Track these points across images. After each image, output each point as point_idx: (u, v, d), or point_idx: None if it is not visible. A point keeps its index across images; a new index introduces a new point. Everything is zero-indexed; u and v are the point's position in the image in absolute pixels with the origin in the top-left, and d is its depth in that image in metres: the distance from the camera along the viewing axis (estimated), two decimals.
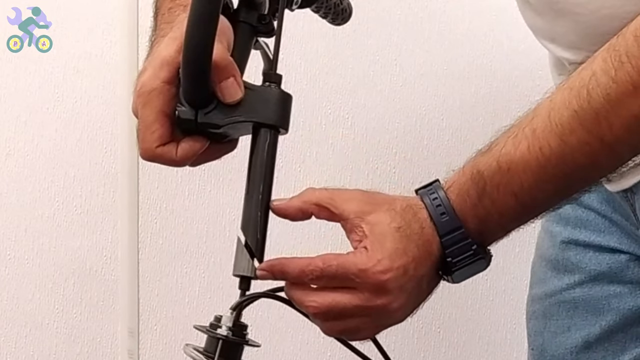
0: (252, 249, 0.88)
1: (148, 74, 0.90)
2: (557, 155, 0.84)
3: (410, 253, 0.87)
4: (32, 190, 1.68)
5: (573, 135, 0.84)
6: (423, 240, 0.88)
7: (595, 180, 0.91)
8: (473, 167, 0.89)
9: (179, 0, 0.97)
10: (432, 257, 0.88)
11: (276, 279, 0.89)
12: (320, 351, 1.73)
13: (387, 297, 0.86)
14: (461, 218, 0.87)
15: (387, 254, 0.86)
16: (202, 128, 0.89)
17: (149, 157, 0.90)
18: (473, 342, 1.74)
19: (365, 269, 0.86)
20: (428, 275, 0.88)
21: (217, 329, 0.88)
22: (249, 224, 0.89)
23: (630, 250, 1.19)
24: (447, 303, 1.72)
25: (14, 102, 1.66)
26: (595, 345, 1.24)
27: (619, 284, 1.21)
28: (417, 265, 0.87)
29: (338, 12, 1.11)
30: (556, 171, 0.85)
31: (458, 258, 0.88)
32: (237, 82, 0.88)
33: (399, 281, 0.86)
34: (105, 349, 1.71)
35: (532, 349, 1.31)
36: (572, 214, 1.24)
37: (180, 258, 1.71)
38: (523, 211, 0.88)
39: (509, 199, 0.86)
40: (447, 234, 0.87)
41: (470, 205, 0.87)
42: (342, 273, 0.86)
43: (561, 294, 1.25)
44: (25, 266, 1.69)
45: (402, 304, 0.88)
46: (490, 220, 0.88)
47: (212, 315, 0.89)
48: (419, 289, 0.89)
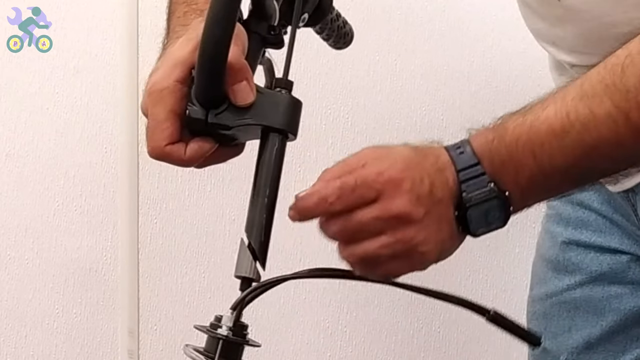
0: (255, 252, 0.88)
1: (160, 73, 0.90)
2: (582, 122, 0.84)
3: (425, 169, 0.86)
4: (32, 190, 1.68)
5: (601, 107, 0.84)
6: (440, 165, 0.87)
7: (613, 163, 0.89)
8: (498, 120, 0.89)
9: (195, 5, 0.98)
10: (447, 188, 0.86)
11: (304, 218, 0.87)
12: (320, 351, 1.73)
13: (404, 202, 0.84)
14: (479, 158, 0.87)
15: (400, 158, 0.86)
16: (212, 128, 0.89)
17: (157, 155, 0.91)
18: (473, 342, 1.74)
19: (381, 171, 0.85)
20: (445, 205, 0.87)
21: (217, 328, 0.88)
22: (254, 227, 0.89)
23: (631, 251, 1.20)
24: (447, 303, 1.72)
25: (14, 102, 1.66)
26: (596, 346, 1.24)
27: (620, 284, 1.21)
28: (432, 182, 0.86)
29: (340, 35, 1.13)
30: (578, 139, 0.85)
31: (474, 193, 0.86)
32: (249, 85, 0.89)
33: (415, 187, 0.85)
34: (105, 349, 1.71)
35: (533, 350, 1.31)
36: (573, 215, 1.24)
37: (180, 258, 1.71)
38: (540, 173, 0.87)
39: (527, 157, 0.86)
40: (464, 168, 0.87)
41: (486, 148, 0.87)
42: (361, 182, 0.85)
43: (562, 294, 1.25)
44: (25, 266, 1.69)
45: (422, 219, 0.85)
46: (506, 170, 0.87)
47: (212, 315, 0.89)
48: (438, 215, 0.86)
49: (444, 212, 0.87)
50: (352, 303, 1.72)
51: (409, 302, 1.72)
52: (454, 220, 0.88)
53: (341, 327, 1.73)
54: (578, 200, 1.24)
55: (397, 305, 1.73)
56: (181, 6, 0.99)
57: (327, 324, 1.73)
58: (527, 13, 1.11)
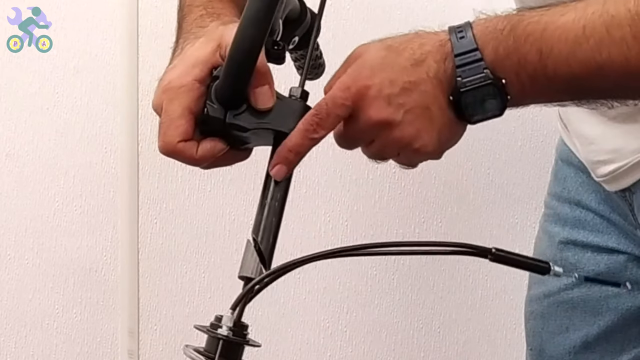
0: (262, 253, 0.89)
1: (178, 71, 0.91)
2: (597, 40, 0.84)
3: (397, 66, 0.86)
4: (32, 190, 1.68)
5: (619, 31, 0.83)
6: (420, 54, 0.87)
7: (615, 87, 0.88)
8: (514, 11, 0.88)
9: (212, 9, 0.99)
10: (432, 75, 0.86)
11: (292, 163, 0.89)
12: (320, 351, 1.73)
13: (377, 110, 0.86)
14: (479, 43, 0.86)
15: (368, 65, 0.87)
16: (229, 129, 0.90)
17: (168, 151, 0.91)
18: (473, 342, 1.74)
19: (348, 85, 0.87)
20: (432, 95, 0.87)
21: (217, 328, 0.88)
22: (262, 229, 0.89)
23: (629, 251, 1.20)
24: (447, 303, 1.72)
25: (14, 102, 1.66)
26: (594, 346, 1.24)
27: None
28: (409, 79, 0.86)
29: (316, 66, 1.14)
30: (588, 54, 0.84)
31: (468, 78, 0.86)
32: (271, 90, 0.90)
33: (384, 91, 0.86)
34: (105, 349, 1.71)
35: (531, 349, 1.31)
36: (570, 215, 1.24)
37: (180, 258, 1.71)
38: (543, 74, 0.86)
39: (534, 53, 0.85)
40: (462, 54, 0.86)
41: (492, 35, 0.86)
42: (331, 103, 0.87)
43: (559, 294, 1.25)
44: (25, 266, 1.69)
45: (402, 119, 0.87)
46: (508, 60, 0.86)
47: (212, 315, 0.89)
48: (426, 112, 0.87)
49: (430, 101, 0.87)
50: (352, 303, 1.72)
51: (409, 302, 1.72)
52: (449, 106, 0.87)
53: (341, 327, 1.73)
54: (575, 200, 1.24)
55: (397, 305, 1.73)
56: (197, 9, 1.00)
57: (327, 324, 1.73)
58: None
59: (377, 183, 1.70)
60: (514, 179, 1.70)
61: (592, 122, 1.14)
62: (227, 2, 1.00)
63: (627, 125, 1.10)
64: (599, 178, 1.16)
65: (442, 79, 0.87)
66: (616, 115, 1.10)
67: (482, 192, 1.70)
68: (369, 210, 1.70)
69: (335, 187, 1.69)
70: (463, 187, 1.70)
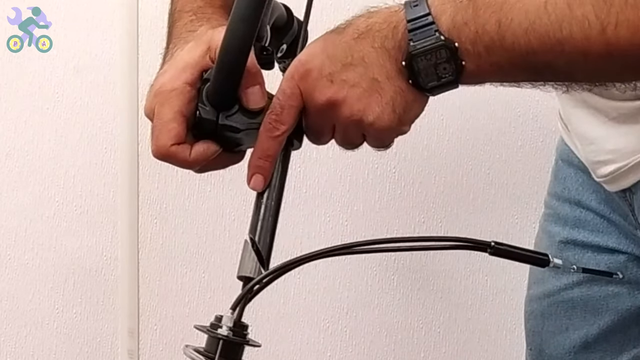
0: (260, 253, 0.89)
1: (169, 75, 0.91)
2: (557, 16, 0.83)
3: (338, 44, 0.86)
4: (32, 190, 1.68)
5: (580, 8, 0.82)
6: (364, 30, 0.86)
7: (571, 67, 0.86)
8: None
9: (201, 14, 0.99)
10: (378, 46, 0.86)
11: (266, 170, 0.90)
12: (320, 351, 1.73)
13: (321, 91, 0.86)
14: (434, 12, 0.85)
15: (308, 50, 0.87)
16: (221, 130, 0.90)
17: (161, 155, 0.91)
18: (473, 342, 1.74)
19: (291, 74, 0.87)
20: (378, 63, 0.86)
21: (217, 328, 0.88)
22: (259, 229, 0.90)
23: (629, 251, 1.20)
24: (447, 303, 1.72)
25: (14, 102, 1.66)
26: (594, 346, 1.24)
27: (617, 284, 1.21)
28: (351, 54, 0.85)
29: None
30: (548, 29, 0.83)
31: (419, 41, 0.84)
32: (262, 90, 0.90)
33: (324, 70, 0.86)
34: (105, 349, 1.71)
35: (531, 349, 1.31)
36: (570, 214, 1.24)
37: (180, 258, 1.71)
38: (499, 45, 0.84)
39: (492, 23, 0.84)
40: (414, 19, 0.85)
41: (451, 6, 0.85)
42: (282, 96, 0.88)
43: (559, 294, 1.25)
44: (25, 266, 1.69)
45: (347, 94, 0.86)
46: (466, 31, 0.85)
47: (212, 315, 0.89)
48: (373, 81, 0.86)
49: (377, 72, 0.86)
50: (352, 303, 1.72)
51: (409, 302, 1.72)
52: (400, 74, 0.86)
53: (341, 327, 1.73)
54: (576, 200, 1.24)
55: (397, 305, 1.73)
56: (187, 14, 1.00)
57: (327, 324, 1.73)
58: None
59: (377, 183, 1.70)
60: (514, 179, 1.70)
61: (593, 122, 1.13)
62: (217, 7, 1.01)
63: (627, 126, 1.10)
64: (599, 178, 1.16)
65: (390, 47, 0.86)
66: (617, 115, 1.10)
67: (482, 192, 1.70)
68: (369, 210, 1.70)
69: (335, 187, 1.69)
70: (463, 187, 1.70)
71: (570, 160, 1.25)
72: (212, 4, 1.01)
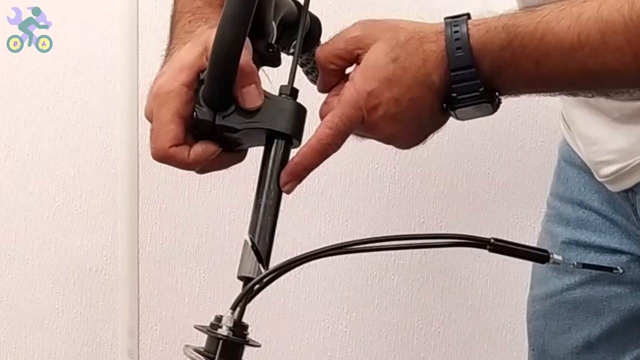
0: (259, 253, 0.89)
1: (166, 76, 0.91)
2: (592, 48, 0.85)
3: (403, 84, 0.89)
4: (32, 190, 1.68)
5: (613, 37, 0.84)
6: (423, 72, 0.89)
7: (615, 87, 0.92)
8: (511, 18, 0.89)
9: (200, 14, 0.99)
10: (433, 90, 0.90)
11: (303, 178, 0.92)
12: (320, 351, 1.73)
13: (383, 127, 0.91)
14: (476, 58, 0.88)
15: (376, 85, 0.90)
16: (219, 131, 0.90)
17: (160, 156, 0.91)
18: (473, 342, 1.74)
19: (360, 105, 0.90)
20: (429, 106, 0.90)
21: (217, 329, 0.88)
22: (259, 229, 0.90)
23: (631, 251, 1.20)
24: (447, 303, 1.72)
25: (14, 102, 1.66)
26: (596, 346, 1.24)
27: (620, 284, 1.21)
28: (413, 96, 0.89)
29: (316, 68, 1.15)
30: (584, 61, 0.86)
31: (463, 96, 0.89)
32: (258, 89, 0.90)
33: (390, 111, 0.90)
34: (105, 349, 1.71)
35: (533, 349, 1.31)
36: (572, 215, 1.24)
37: (180, 258, 1.71)
38: (538, 81, 0.89)
39: (530, 64, 0.87)
40: (458, 69, 0.88)
41: (490, 50, 0.88)
42: (346, 121, 0.90)
43: (562, 294, 1.25)
44: (25, 266, 1.69)
45: (399, 132, 0.92)
46: (505, 73, 0.88)
47: (212, 315, 0.89)
48: (419, 120, 0.91)
49: (428, 112, 0.91)
50: (352, 303, 1.72)
51: (409, 302, 1.72)
52: (442, 109, 0.91)
53: (341, 327, 1.73)
54: (578, 201, 1.24)
55: (397, 305, 1.73)
56: (186, 15, 1.00)
57: (327, 324, 1.73)
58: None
59: (377, 183, 1.70)
60: (514, 179, 1.70)
61: (595, 122, 1.14)
62: (216, 7, 1.00)
63: (630, 126, 1.10)
64: (602, 178, 1.16)
65: (440, 90, 0.90)
66: (620, 115, 1.10)
67: (482, 192, 1.70)
68: (369, 210, 1.70)
69: (335, 187, 1.69)
70: (463, 187, 1.70)
71: (573, 160, 1.25)
72: (211, 3, 1.01)
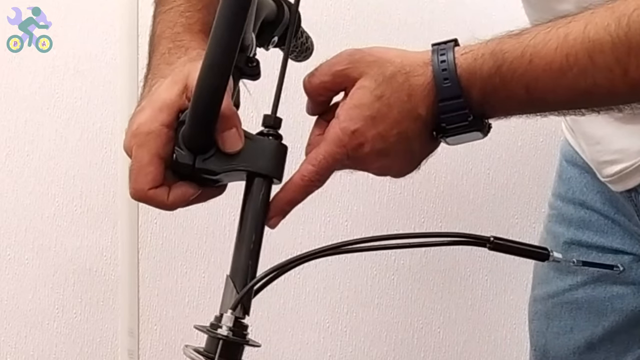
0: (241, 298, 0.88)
1: (146, 115, 0.89)
2: (580, 68, 0.85)
3: (389, 120, 0.89)
4: (32, 190, 1.68)
5: (601, 56, 0.84)
6: (409, 107, 0.89)
7: (606, 105, 0.91)
8: (498, 44, 0.88)
9: (180, 42, 0.97)
10: (420, 122, 0.89)
11: (288, 213, 0.92)
12: (320, 351, 1.73)
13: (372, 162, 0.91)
14: (465, 88, 0.88)
15: (361, 124, 0.89)
16: (199, 173, 0.90)
17: (139, 198, 0.90)
18: (473, 342, 1.74)
19: (344, 143, 0.89)
20: (417, 137, 0.90)
21: (217, 329, 0.88)
22: (239, 272, 0.90)
23: (634, 251, 1.20)
24: (447, 303, 1.72)
25: (14, 102, 1.66)
26: (598, 346, 1.24)
27: (622, 285, 1.21)
28: (399, 130, 0.89)
29: (302, 50, 1.16)
30: (573, 82, 0.85)
31: (452, 126, 0.89)
32: (238, 133, 0.89)
33: (377, 147, 0.89)
34: (105, 349, 1.71)
35: (535, 350, 1.31)
36: (575, 215, 1.24)
37: (180, 258, 1.71)
38: (529, 104, 0.89)
39: (520, 88, 0.87)
40: (446, 99, 0.88)
41: (479, 77, 0.88)
42: (331, 159, 0.90)
43: (564, 294, 1.25)
44: (25, 266, 1.69)
45: (389, 165, 0.92)
46: (495, 99, 0.88)
47: (212, 315, 0.89)
48: (410, 151, 0.91)
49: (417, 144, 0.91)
50: (352, 303, 1.72)
51: (409, 302, 1.73)
52: (432, 138, 0.91)
53: (341, 327, 1.73)
54: (580, 201, 1.24)
55: (397, 305, 1.73)
56: (165, 41, 0.98)
57: (327, 324, 1.73)
58: (530, 13, 1.11)
59: (377, 183, 1.70)
60: (514, 179, 1.70)
61: (598, 122, 1.13)
62: (195, 33, 0.99)
63: (633, 126, 1.10)
64: (604, 178, 1.16)
65: (428, 121, 0.90)
66: (622, 115, 1.10)
67: (482, 192, 1.70)
68: (369, 210, 1.70)
69: (335, 187, 1.69)
70: (463, 187, 1.70)
71: (575, 161, 1.24)
72: (191, 29, 0.99)
